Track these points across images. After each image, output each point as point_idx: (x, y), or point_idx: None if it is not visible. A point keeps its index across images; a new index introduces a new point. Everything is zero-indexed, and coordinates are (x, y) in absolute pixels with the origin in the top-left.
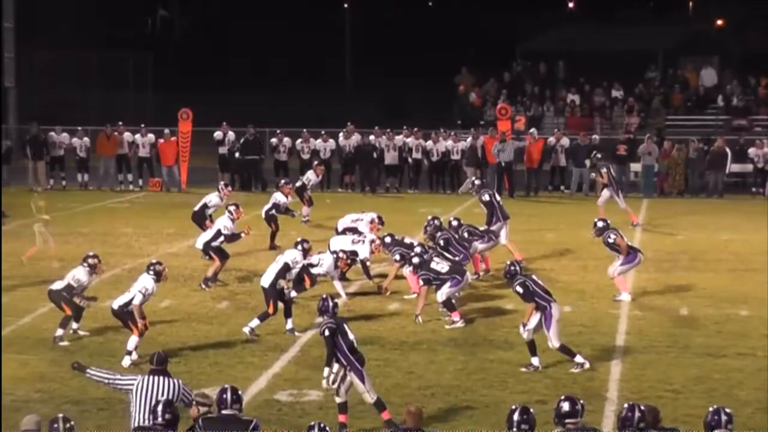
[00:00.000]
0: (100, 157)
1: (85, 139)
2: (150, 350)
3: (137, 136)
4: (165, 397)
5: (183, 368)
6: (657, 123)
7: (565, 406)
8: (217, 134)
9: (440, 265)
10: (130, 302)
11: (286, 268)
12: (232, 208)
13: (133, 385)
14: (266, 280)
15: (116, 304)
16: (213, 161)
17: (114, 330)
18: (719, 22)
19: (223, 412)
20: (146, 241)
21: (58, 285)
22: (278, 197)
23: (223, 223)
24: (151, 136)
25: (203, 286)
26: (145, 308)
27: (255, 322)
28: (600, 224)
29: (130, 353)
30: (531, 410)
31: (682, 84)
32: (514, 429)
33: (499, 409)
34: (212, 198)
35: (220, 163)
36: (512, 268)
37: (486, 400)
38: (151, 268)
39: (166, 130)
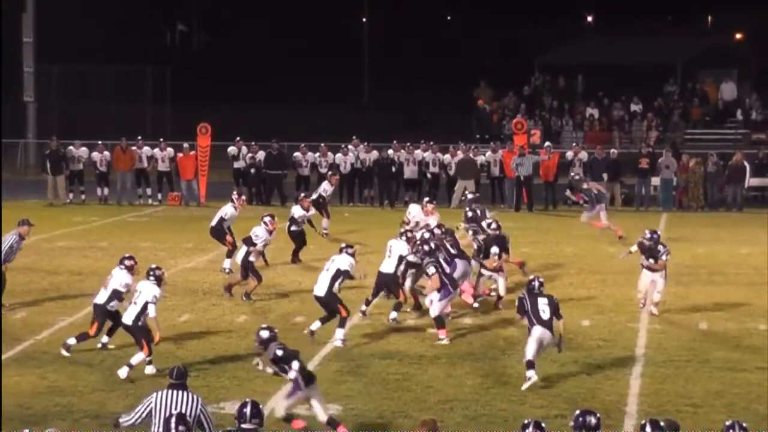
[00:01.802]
0: (118, 171)
1: (105, 153)
2: (169, 364)
3: (156, 150)
4: (187, 411)
5: (202, 382)
6: (676, 137)
7: (591, 419)
8: (231, 149)
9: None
10: (141, 314)
11: (339, 274)
12: (267, 219)
13: (152, 403)
14: (321, 290)
15: (128, 318)
16: (231, 176)
17: (133, 345)
18: (738, 35)
19: (243, 426)
20: (165, 255)
21: (102, 298)
22: (296, 211)
23: (257, 233)
24: (170, 150)
25: (245, 299)
26: (163, 323)
27: (340, 333)
28: (656, 236)
29: (131, 367)
30: (544, 425)
31: (701, 98)
32: None
33: (517, 424)
34: (227, 210)
35: (234, 177)
36: (532, 283)
37: (505, 414)
38: (151, 273)
39: (185, 145)
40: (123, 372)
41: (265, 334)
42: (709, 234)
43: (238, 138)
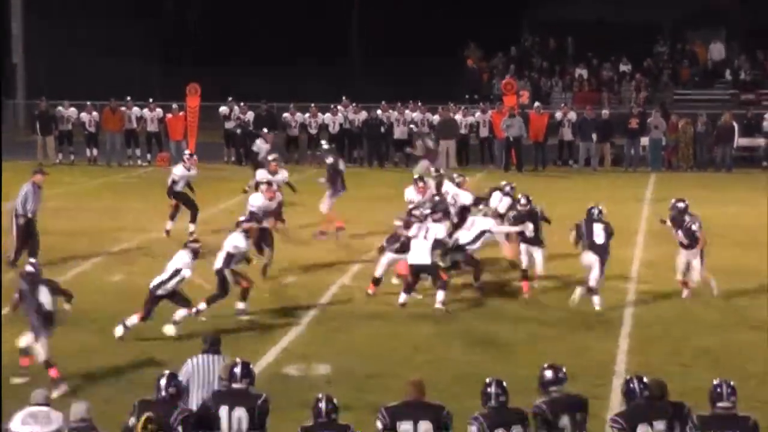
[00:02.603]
0: (107, 132)
1: (94, 113)
2: (160, 322)
3: (145, 110)
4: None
5: (193, 342)
6: (665, 97)
7: (548, 374)
8: (223, 109)
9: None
10: (169, 281)
11: (437, 243)
12: (264, 187)
13: (187, 371)
14: (422, 258)
15: (153, 282)
16: (220, 136)
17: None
18: None
19: (234, 386)
20: (155, 216)
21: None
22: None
23: (254, 201)
24: (159, 111)
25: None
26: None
27: (441, 295)
28: (680, 205)
29: (127, 326)
30: (504, 383)
31: (690, 58)
32: (492, 401)
33: (507, 383)
34: (177, 170)
35: (225, 138)
36: (591, 210)
37: (493, 374)
38: (189, 246)
39: (174, 105)
40: (118, 330)
41: None
42: (698, 194)
43: (230, 98)
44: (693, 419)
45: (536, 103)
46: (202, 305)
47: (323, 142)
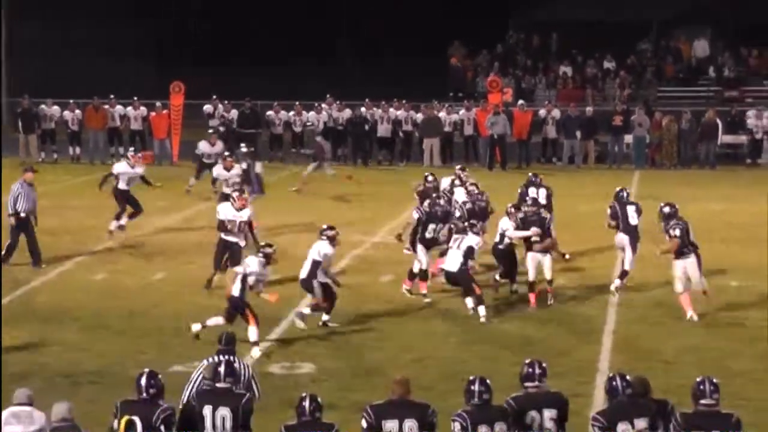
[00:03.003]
0: (90, 130)
1: (77, 111)
2: (145, 322)
3: (129, 109)
4: (238, 377)
5: (178, 341)
6: (648, 94)
7: (524, 370)
8: (207, 107)
9: None
10: (244, 288)
11: (469, 251)
12: (235, 194)
13: (202, 373)
14: (453, 266)
15: (235, 290)
16: (204, 135)
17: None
18: None
19: (218, 385)
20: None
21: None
22: (218, 171)
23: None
24: (143, 109)
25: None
26: (137, 282)
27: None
28: (665, 210)
29: (256, 343)
30: (488, 381)
31: (675, 55)
32: (476, 399)
33: (492, 382)
34: (119, 167)
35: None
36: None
37: (479, 372)
38: (261, 251)
39: (158, 104)
40: (255, 352)
41: None
42: (682, 191)
43: (214, 96)
44: (676, 417)
45: (520, 101)
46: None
47: (243, 145)
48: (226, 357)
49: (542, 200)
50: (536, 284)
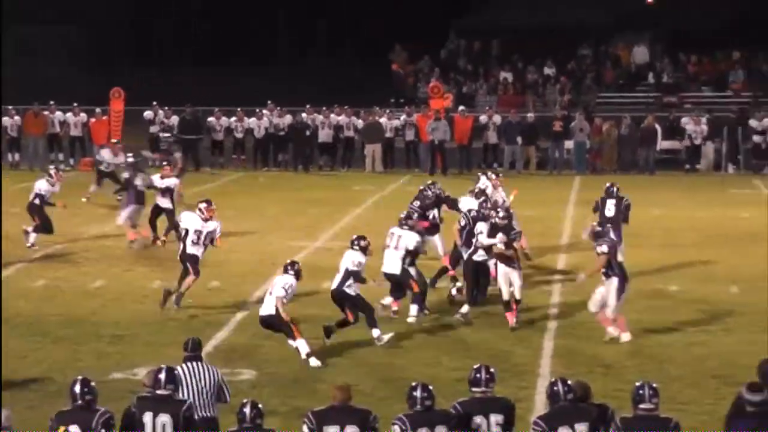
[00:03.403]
0: (29, 136)
1: (16, 117)
2: (83, 330)
3: (69, 115)
4: (208, 382)
5: (115, 348)
6: (588, 100)
7: (471, 375)
8: (148, 113)
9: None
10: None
11: (408, 253)
12: (203, 206)
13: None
14: (393, 267)
15: (266, 311)
16: (145, 141)
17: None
18: None
19: (158, 392)
20: (78, 221)
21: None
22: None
23: (191, 223)
24: (83, 116)
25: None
26: (76, 290)
27: (414, 309)
28: (598, 229)
29: (310, 355)
30: (431, 387)
31: (614, 61)
32: (418, 405)
33: (431, 386)
34: (41, 185)
35: (150, 142)
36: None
37: (419, 377)
38: (290, 268)
39: (98, 110)
40: (314, 362)
41: None
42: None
43: (154, 102)
44: (616, 421)
45: (461, 107)
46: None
47: (130, 155)
48: (194, 363)
49: (610, 213)
50: (511, 302)
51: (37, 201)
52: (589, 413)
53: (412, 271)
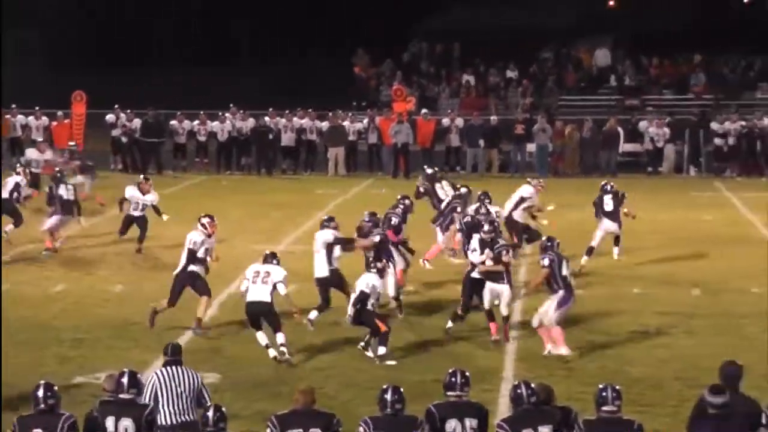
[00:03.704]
0: None
1: None
2: (47, 336)
3: (30, 118)
4: (188, 386)
5: (77, 352)
6: (550, 103)
7: (446, 379)
8: (110, 117)
9: None
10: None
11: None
12: (206, 221)
13: (153, 384)
14: (322, 271)
15: (259, 297)
16: (107, 144)
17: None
18: (611, 2)
19: (121, 396)
20: (38, 226)
21: (262, 296)
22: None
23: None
24: (45, 119)
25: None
26: (38, 294)
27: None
28: (545, 242)
29: (384, 356)
30: (401, 389)
31: (576, 64)
32: (388, 409)
33: None
34: (15, 179)
35: (112, 145)
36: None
37: (383, 380)
38: (373, 266)
39: (60, 113)
40: (382, 350)
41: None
42: (583, 199)
43: (116, 105)
44: (579, 423)
45: (423, 110)
46: (382, 349)
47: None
48: (174, 367)
49: (609, 207)
50: (493, 312)
51: (12, 197)
52: (553, 416)
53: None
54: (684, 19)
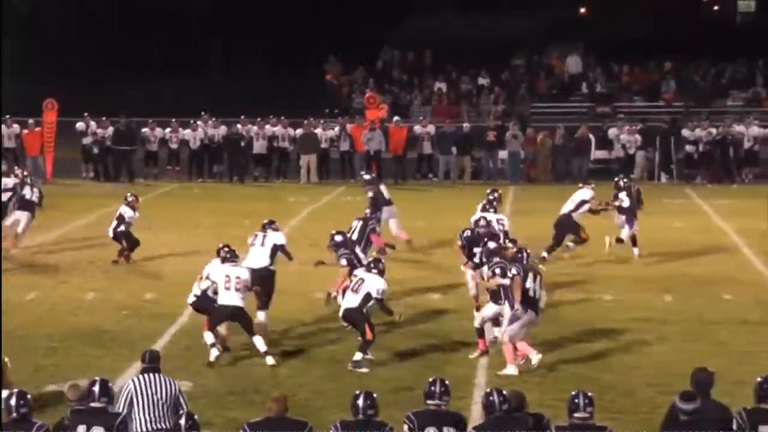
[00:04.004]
0: None
1: None
2: (22, 344)
3: (2, 127)
4: (165, 394)
5: (50, 361)
6: (522, 110)
7: (426, 388)
8: (80, 125)
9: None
10: (364, 305)
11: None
12: (131, 198)
13: (129, 391)
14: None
15: (347, 305)
16: (77, 152)
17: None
18: (582, 9)
19: (92, 404)
20: (12, 233)
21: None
22: (125, 211)
23: (125, 211)
24: (16, 127)
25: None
26: (10, 301)
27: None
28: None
29: (358, 363)
30: (375, 395)
31: (547, 71)
32: (360, 415)
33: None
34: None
35: (83, 153)
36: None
37: (354, 388)
38: (373, 266)
39: (31, 121)
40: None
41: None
42: (555, 206)
43: (86, 113)
44: (552, 430)
45: (396, 117)
46: (358, 355)
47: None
48: (151, 375)
49: (626, 203)
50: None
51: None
52: (525, 422)
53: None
54: (654, 27)
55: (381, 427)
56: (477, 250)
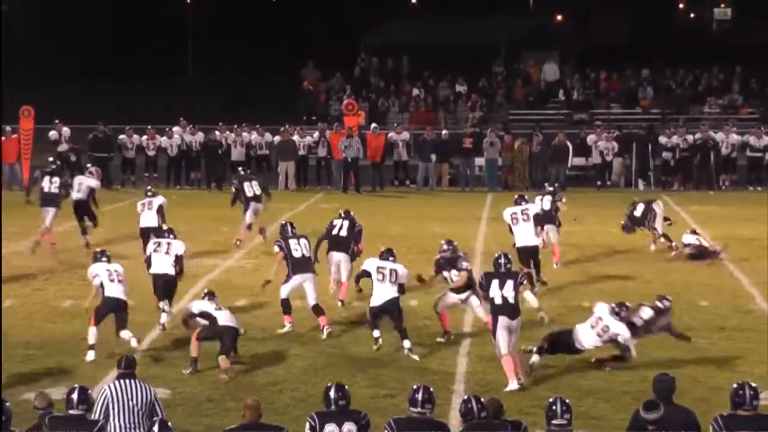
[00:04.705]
0: None
1: None
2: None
3: None
4: (140, 400)
5: (27, 368)
6: (500, 117)
7: (410, 396)
8: (53, 134)
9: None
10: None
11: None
12: (93, 169)
13: (105, 398)
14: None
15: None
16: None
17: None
18: (559, 16)
19: (70, 412)
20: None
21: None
22: (91, 182)
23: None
24: None
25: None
26: None
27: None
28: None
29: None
30: (346, 386)
31: (524, 78)
32: (333, 406)
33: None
34: None
35: (60, 161)
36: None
37: None
38: (390, 255)
39: (8, 128)
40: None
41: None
42: None
43: (56, 120)
44: None
45: (373, 124)
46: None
47: None
48: (127, 380)
49: (639, 213)
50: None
51: None
52: (504, 429)
53: None
54: (631, 33)
55: (354, 415)
56: (446, 274)
